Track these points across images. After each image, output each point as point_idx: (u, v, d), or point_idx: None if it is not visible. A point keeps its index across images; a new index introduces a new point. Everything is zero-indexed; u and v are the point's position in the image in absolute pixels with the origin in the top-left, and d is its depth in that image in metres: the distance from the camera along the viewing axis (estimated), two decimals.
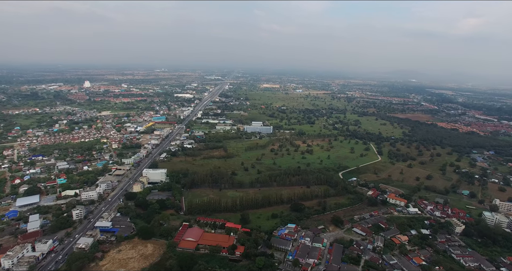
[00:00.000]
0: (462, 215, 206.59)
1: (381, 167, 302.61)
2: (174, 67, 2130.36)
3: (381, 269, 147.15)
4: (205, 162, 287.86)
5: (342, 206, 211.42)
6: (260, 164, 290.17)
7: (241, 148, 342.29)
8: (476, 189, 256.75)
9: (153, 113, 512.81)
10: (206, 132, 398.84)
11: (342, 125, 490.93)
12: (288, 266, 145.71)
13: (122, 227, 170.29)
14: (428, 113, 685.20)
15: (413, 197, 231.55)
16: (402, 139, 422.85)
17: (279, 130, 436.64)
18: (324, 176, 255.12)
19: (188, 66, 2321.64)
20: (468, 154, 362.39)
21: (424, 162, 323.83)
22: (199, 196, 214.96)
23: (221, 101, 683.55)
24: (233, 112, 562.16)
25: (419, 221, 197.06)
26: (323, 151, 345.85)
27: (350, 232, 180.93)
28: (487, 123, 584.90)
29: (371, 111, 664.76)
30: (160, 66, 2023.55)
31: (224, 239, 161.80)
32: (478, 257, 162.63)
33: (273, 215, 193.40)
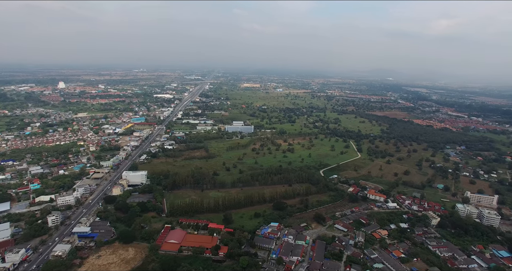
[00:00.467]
0: (437, 208, 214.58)
1: (361, 163, 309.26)
2: (153, 67, 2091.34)
3: (362, 263, 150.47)
4: (186, 163, 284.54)
5: (324, 203, 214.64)
6: (242, 164, 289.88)
7: (222, 147, 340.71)
8: (449, 183, 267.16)
9: (132, 115, 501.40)
10: (187, 133, 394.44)
11: (323, 124, 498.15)
12: (272, 265, 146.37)
13: (101, 232, 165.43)
14: (404, 110, 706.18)
15: (392, 192, 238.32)
16: (381, 136, 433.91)
17: (260, 130, 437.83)
18: (305, 174, 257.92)
19: (168, 66, 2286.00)
20: (442, 149, 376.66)
21: (401, 158, 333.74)
22: (181, 198, 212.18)
23: (201, 101, 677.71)
24: (213, 112, 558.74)
25: (398, 216, 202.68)
26: (304, 149, 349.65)
27: (332, 228, 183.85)
28: (459, 120, 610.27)
29: (350, 109, 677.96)
30: (138, 66, 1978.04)
31: (207, 240, 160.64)
32: (452, 247, 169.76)
33: (256, 214, 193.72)
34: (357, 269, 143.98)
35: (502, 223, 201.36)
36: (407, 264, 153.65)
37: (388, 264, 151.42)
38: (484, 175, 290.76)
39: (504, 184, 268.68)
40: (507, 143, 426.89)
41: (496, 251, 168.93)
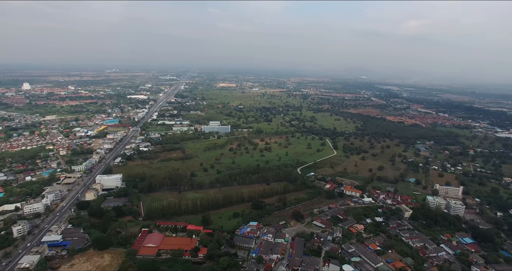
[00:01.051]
0: (409, 201, 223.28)
1: (337, 160, 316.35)
2: (126, 67, 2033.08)
3: (340, 258, 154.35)
4: (163, 165, 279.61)
5: (302, 200, 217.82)
6: (219, 164, 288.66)
7: (199, 148, 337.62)
8: (420, 176, 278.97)
9: (105, 116, 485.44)
10: (163, 134, 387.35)
11: (299, 122, 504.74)
12: (252, 264, 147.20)
13: (74, 239, 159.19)
14: (377, 108, 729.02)
15: (367, 188, 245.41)
16: (355, 133, 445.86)
17: (237, 129, 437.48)
18: (283, 172, 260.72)
19: (141, 66, 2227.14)
20: (413, 144, 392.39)
21: (375, 154, 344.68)
22: (158, 200, 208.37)
23: (177, 102, 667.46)
24: (189, 113, 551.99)
25: (373, 210, 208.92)
26: (281, 148, 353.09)
27: (310, 225, 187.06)
28: (428, 116, 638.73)
29: (325, 107, 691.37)
30: (110, 67, 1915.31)
31: (186, 242, 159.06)
32: (423, 238, 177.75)
33: (235, 214, 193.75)
34: (335, 263, 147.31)
35: (467, 212, 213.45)
36: (382, 256, 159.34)
37: (365, 257, 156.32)
38: (451, 167, 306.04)
39: (468, 176, 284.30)
40: (470, 137, 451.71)
41: (462, 239, 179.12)
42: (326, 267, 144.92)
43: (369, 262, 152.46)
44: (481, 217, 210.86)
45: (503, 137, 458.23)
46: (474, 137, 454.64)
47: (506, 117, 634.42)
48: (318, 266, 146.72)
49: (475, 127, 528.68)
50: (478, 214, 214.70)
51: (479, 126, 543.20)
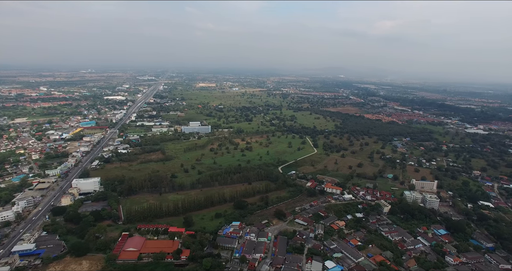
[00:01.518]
0: (388, 196, 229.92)
1: (317, 158, 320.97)
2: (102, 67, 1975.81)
3: (323, 254, 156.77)
4: (143, 167, 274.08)
5: (284, 199, 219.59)
6: (200, 164, 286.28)
7: (179, 149, 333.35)
8: (398, 172, 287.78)
9: (81, 118, 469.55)
10: (142, 136, 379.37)
11: (279, 121, 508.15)
12: (236, 264, 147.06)
13: (49, 247, 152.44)
14: (356, 106, 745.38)
15: (347, 185, 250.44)
16: (335, 131, 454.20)
17: (218, 129, 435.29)
18: (264, 171, 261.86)
19: (118, 66, 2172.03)
20: (390, 141, 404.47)
21: (355, 151, 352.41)
22: (138, 203, 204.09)
23: (156, 103, 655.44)
24: (169, 114, 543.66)
25: (354, 206, 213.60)
26: (262, 147, 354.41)
27: (292, 223, 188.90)
28: (404, 113, 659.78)
29: (305, 106, 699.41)
30: (86, 67, 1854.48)
31: (168, 245, 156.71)
32: (401, 231, 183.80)
33: (217, 214, 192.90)
34: (318, 260, 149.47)
35: (441, 205, 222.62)
36: (363, 251, 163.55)
37: (346, 252, 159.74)
38: (426, 163, 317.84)
39: (441, 170, 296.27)
40: (443, 133, 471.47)
41: (436, 230, 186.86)
42: (309, 264, 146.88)
43: (351, 257, 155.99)
44: (453, 209, 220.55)
45: (472, 132, 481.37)
46: (447, 133, 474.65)
47: (474, 114, 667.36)
48: (301, 264, 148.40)
49: (447, 124, 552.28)
50: (451, 206, 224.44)
51: (450, 122, 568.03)
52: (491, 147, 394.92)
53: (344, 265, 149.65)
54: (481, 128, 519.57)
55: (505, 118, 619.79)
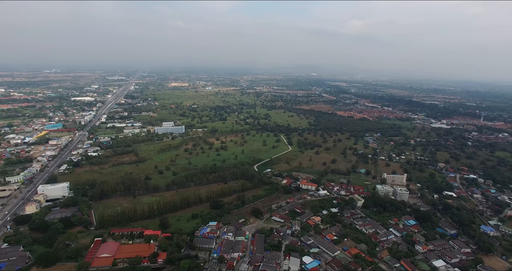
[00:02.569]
0: (361, 191, 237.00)
1: (292, 156, 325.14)
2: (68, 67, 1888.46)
3: (300, 250, 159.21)
4: (115, 169, 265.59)
5: (260, 197, 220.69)
6: (175, 165, 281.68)
7: (153, 150, 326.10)
8: (370, 167, 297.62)
9: (45, 121, 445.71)
10: (113, 137, 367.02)
11: (253, 120, 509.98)
12: (214, 264, 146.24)
13: (12, 260, 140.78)
14: (328, 103, 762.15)
15: (322, 181, 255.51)
16: (309, 128, 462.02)
17: (192, 129, 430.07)
18: (240, 170, 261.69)
19: (86, 66, 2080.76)
20: (362, 137, 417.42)
21: (328, 148, 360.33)
22: (111, 207, 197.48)
23: (127, 103, 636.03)
24: (141, 114, 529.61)
25: (329, 202, 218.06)
26: (237, 146, 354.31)
27: (269, 221, 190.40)
28: (374, 110, 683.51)
29: (279, 104, 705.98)
30: (50, 67, 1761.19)
31: (143, 248, 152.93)
32: (374, 224, 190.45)
33: (194, 215, 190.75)
34: (295, 256, 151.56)
35: (410, 197, 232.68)
36: (339, 244, 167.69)
37: (323, 247, 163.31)
38: (396, 157, 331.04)
39: (410, 164, 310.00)
40: (411, 128, 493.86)
41: (407, 221, 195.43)
42: (287, 260, 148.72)
43: (327, 252, 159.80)
44: (421, 200, 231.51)
45: (437, 127, 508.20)
46: (414, 128, 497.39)
47: (438, 110, 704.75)
48: (279, 260, 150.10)
49: (414, 119, 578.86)
50: (419, 198, 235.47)
51: (417, 118, 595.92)
52: (453, 140, 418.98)
53: (321, 259, 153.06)
54: (444, 123, 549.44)
55: (465, 113, 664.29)
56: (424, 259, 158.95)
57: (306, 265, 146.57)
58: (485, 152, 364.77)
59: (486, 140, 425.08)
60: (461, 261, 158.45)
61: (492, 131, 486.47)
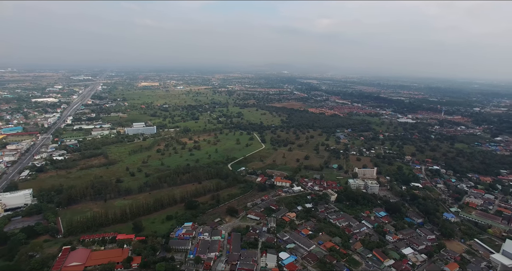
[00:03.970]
0: (334, 186, 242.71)
1: (265, 154, 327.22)
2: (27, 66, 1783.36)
3: (277, 246, 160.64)
4: (83, 173, 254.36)
5: (235, 196, 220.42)
6: (147, 167, 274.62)
7: (124, 152, 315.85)
8: (342, 162, 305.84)
9: (2, 124, 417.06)
10: (81, 140, 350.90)
11: (226, 119, 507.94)
12: (191, 265, 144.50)
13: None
14: (300, 101, 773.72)
15: (296, 177, 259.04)
16: (281, 126, 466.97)
17: (164, 130, 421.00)
18: (214, 170, 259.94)
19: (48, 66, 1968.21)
20: (333, 133, 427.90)
21: (301, 144, 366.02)
22: (80, 213, 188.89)
23: (94, 104, 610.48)
24: (110, 115, 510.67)
25: (303, 197, 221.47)
26: (210, 145, 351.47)
27: (245, 219, 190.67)
28: (344, 106, 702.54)
29: (251, 103, 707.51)
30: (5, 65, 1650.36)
31: (117, 254, 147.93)
32: (347, 217, 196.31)
33: (168, 217, 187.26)
34: (272, 253, 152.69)
35: (380, 189, 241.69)
36: (314, 239, 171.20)
37: (298, 242, 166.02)
38: (366, 152, 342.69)
39: (380, 157, 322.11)
40: (379, 123, 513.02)
41: (377, 213, 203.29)
42: (264, 257, 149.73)
43: (303, 246, 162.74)
44: (391, 192, 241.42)
45: (403, 121, 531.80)
46: (382, 123, 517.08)
47: (404, 105, 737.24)
48: (256, 258, 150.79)
49: (383, 115, 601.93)
50: (389, 190, 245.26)
51: (385, 113, 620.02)
52: (418, 134, 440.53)
53: (297, 254, 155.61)
54: (409, 117, 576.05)
55: (428, 108, 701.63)
56: (394, 248, 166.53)
57: (283, 260, 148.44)
58: (446, 144, 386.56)
59: (447, 133, 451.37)
60: (427, 247, 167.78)
61: (451, 125, 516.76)
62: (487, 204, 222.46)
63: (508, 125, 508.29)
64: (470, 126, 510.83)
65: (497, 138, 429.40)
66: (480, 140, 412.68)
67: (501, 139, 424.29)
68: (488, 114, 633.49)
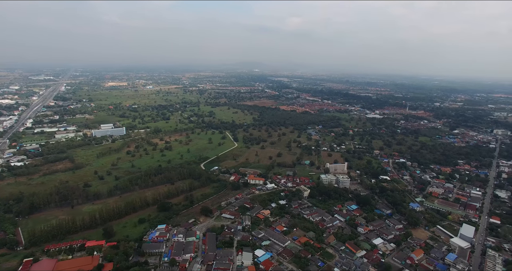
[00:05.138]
0: (307, 181, 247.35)
1: (238, 152, 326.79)
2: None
3: (252, 244, 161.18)
4: (47, 179, 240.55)
5: (209, 195, 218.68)
6: (117, 169, 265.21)
7: (91, 155, 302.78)
8: (314, 158, 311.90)
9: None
10: (43, 144, 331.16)
11: (198, 118, 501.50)
12: (165, 268, 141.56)
13: None
14: (271, 99, 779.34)
15: (269, 174, 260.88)
16: (253, 124, 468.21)
17: (133, 131, 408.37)
18: (186, 170, 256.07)
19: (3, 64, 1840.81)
20: (305, 130, 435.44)
21: (273, 142, 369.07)
22: (44, 221, 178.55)
23: (58, 105, 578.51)
24: (75, 117, 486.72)
25: (277, 194, 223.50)
26: (182, 146, 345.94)
27: (220, 218, 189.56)
28: (315, 103, 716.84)
29: (223, 101, 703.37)
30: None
31: (86, 262, 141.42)
32: (320, 212, 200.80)
33: (140, 220, 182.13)
34: (248, 251, 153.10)
35: (351, 183, 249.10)
36: (289, 235, 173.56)
37: (274, 239, 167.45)
38: (337, 147, 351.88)
39: (350, 153, 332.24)
40: (349, 119, 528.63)
41: (349, 206, 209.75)
42: (240, 255, 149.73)
43: (278, 243, 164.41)
44: (361, 185, 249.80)
45: (371, 117, 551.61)
46: (352, 119, 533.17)
47: (371, 101, 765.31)
48: (232, 257, 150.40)
49: (352, 111, 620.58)
50: (359, 184, 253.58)
51: (354, 109, 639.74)
52: (385, 128, 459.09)
53: (272, 251, 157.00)
54: (377, 113, 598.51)
55: (394, 104, 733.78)
56: (366, 239, 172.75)
57: (259, 258, 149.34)
58: (411, 137, 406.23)
59: (411, 127, 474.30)
60: (395, 236, 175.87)
61: (415, 119, 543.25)
62: (447, 192, 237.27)
63: (464, 119, 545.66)
64: (432, 120, 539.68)
65: (455, 131, 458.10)
66: (440, 133, 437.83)
67: (458, 132, 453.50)
68: (447, 109, 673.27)
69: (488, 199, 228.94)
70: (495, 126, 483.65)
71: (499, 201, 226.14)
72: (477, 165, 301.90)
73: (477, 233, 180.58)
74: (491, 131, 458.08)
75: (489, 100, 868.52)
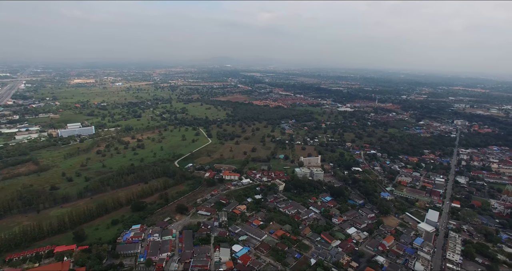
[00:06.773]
0: (282, 175, 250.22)
1: (212, 148, 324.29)
2: None
3: (229, 240, 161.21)
4: (8, 183, 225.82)
5: (184, 193, 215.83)
6: (86, 170, 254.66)
7: (58, 156, 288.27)
8: (288, 152, 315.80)
9: None
10: (1, 146, 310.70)
11: (170, 115, 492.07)
12: (142, 269, 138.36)
13: None
14: (244, 94, 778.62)
15: (244, 170, 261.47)
16: (227, 119, 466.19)
17: (103, 129, 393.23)
18: (160, 168, 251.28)
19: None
20: (278, 124, 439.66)
21: (248, 137, 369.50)
22: (5, 229, 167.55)
23: (17, 105, 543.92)
24: (38, 117, 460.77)
25: (252, 189, 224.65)
26: (155, 143, 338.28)
27: (196, 215, 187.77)
28: (288, 98, 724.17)
29: (195, 97, 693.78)
30: None
31: (55, 268, 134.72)
32: (296, 205, 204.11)
33: (114, 221, 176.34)
34: (225, 246, 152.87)
35: (325, 176, 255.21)
36: (265, 229, 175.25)
37: (250, 234, 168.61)
38: (310, 141, 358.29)
39: (323, 146, 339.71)
40: (321, 113, 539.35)
41: (324, 198, 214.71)
42: (217, 252, 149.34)
43: (255, 237, 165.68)
44: (335, 177, 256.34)
45: (342, 110, 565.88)
46: (324, 112, 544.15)
47: (343, 95, 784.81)
48: (210, 253, 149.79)
49: (324, 105, 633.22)
50: (333, 176, 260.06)
51: (326, 103, 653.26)
52: (356, 121, 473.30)
53: (250, 245, 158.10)
54: (348, 106, 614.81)
55: (364, 97, 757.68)
56: (340, 229, 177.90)
57: (236, 253, 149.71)
58: (380, 129, 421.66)
59: (381, 119, 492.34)
60: (368, 225, 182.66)
61: (384, 112, 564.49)
62: (415, 180, 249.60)
63: (428, 111, 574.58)
64: (400, 113, 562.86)
65: (420, 122, 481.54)
66: (407, 125, 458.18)
67: (423, 123, 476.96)
68: (413, 101, 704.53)
69: (450, 185, 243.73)
70: (455, 117, 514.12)
71: (459, 186, 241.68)
72: (441, 153, 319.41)
73: (440, 217, 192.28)
74: (452, 122, 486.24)
75: (450, 92, 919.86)
